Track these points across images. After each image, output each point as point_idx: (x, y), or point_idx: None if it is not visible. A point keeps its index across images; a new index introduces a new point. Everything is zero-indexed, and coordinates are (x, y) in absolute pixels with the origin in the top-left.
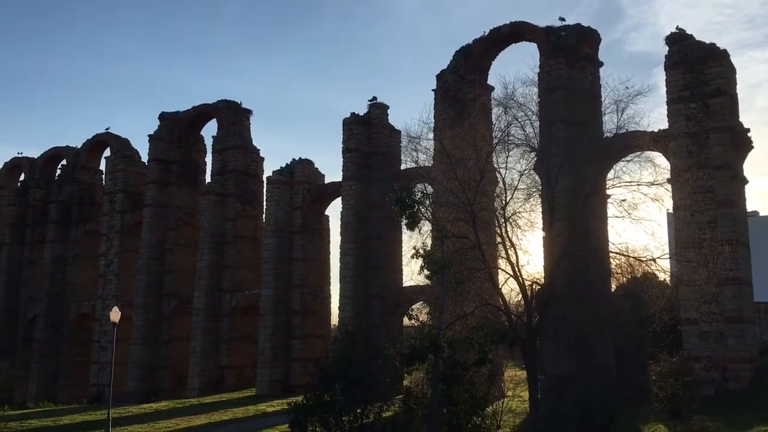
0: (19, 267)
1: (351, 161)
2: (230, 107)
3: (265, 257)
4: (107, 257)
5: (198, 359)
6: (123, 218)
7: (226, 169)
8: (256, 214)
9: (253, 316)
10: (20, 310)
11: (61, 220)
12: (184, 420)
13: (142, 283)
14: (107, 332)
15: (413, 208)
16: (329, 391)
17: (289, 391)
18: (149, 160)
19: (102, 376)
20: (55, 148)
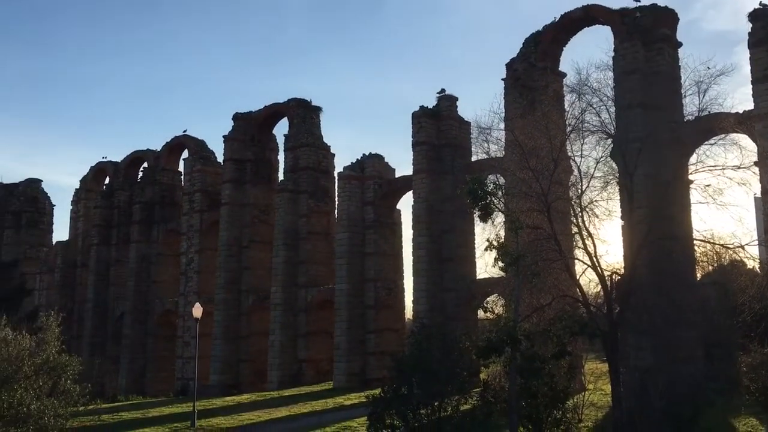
0: (107, 266)
1: (421, 154)
2: (301, 105)
3: (338, 252)
4: (188, 255)
5: (276, 353)
6: (202, 217)
7: (298, 166)
8: (329, 210)
9: (328, 311)
10: (109, 307)
11: (144, 220)
12: (266, 412)
13: (221, 280)
14: (190, 328)
15: (486, 199)
16: (406, 384)
17: (365, 384)
18: (225, 160)
19: (186, 370)
20: (137, 152)
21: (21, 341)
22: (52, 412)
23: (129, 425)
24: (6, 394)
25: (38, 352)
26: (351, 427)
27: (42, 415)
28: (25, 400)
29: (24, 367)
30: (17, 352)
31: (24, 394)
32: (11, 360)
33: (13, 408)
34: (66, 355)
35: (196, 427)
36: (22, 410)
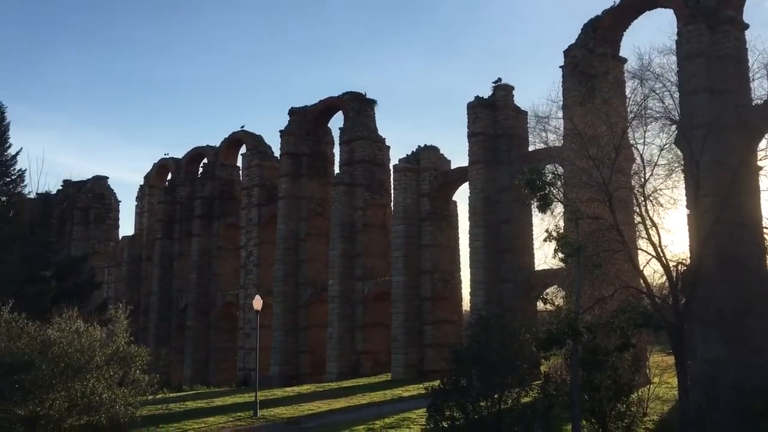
0: (170, 260)
1: (477, 145)
2: (355, 99)
3: (394, 245)
4: (247, 249)
5: (335, 345)
6: (260, 211)
7: (354, 159)
8: (384, 203)
9: (385, 303)
10: (173, 300)
11: (205, 215)
12: (325, 403)
13: (279, 273)
14: (250, 320)
15: (544, 189)
16: (465, 376)
17: (423, 376)
18: (281, 154)
19: (248, 361)
20: (197, 148)
21: (92, 333)
22: (123, 401)
23: (195, 414)
24: (79, 384)
25: (108, 343)
26: (410, 418)
27: (113, 404)
28: (97, 389)
29: (96, 357)
30: (89, 343)
31: (96, 384)
32: (84, 351)
33: (86, 397)
34: (135, 346)
35: (258, 416)
36: (95, 399)
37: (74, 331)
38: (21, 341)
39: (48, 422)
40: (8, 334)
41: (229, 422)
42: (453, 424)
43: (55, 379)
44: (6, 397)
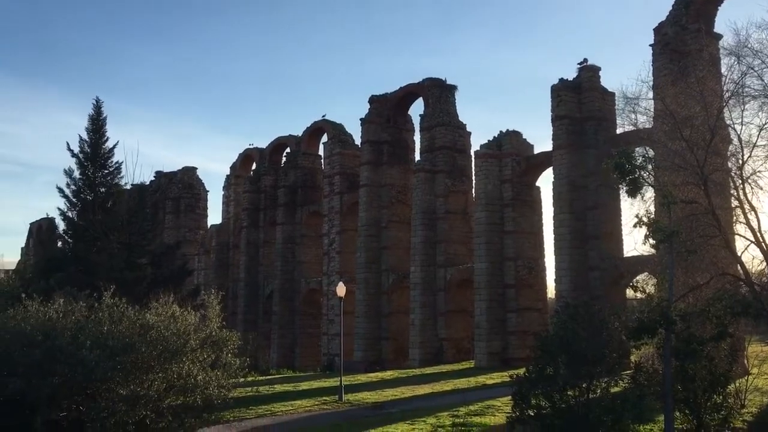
0: (256, 247)
1: (561, 129)
2: (435, 84)
3: (476, 231)
4: (329, 236)
5: (417, 332)
6: (342, 199)
7: (435, 146)
8: (466, 189)
9: (467, 290)
10: (260, 286)
11: (288, 203)
12: (409, 389)
13: (361, 260)
14: (334, 306)
15: (634, 173)
16: (552, 364)
17: (507, 363)
18: (362, 142)
19: (332, 347)
20: (280, 138)
21: (187, 317)
22: (216, 383)
23: (282, 397)
24: (176, 366)
25: (202, 328)
26: (494, 406)
27: (207, 386)
28: (192, 372)
29: (190, 341)
30: (184, 327)
31: (191, 366)
32: (179, 334)
33: (182, 378)
34: (226, 330)
35: (343, 400)
36: (191, 381)
37: (170, 315)
38: (122, 325)
39: (147, 402)
40: (110, 318)
41: (316, 405)
42: (539, 412)
43: (153, 361)
44: (109, 378)
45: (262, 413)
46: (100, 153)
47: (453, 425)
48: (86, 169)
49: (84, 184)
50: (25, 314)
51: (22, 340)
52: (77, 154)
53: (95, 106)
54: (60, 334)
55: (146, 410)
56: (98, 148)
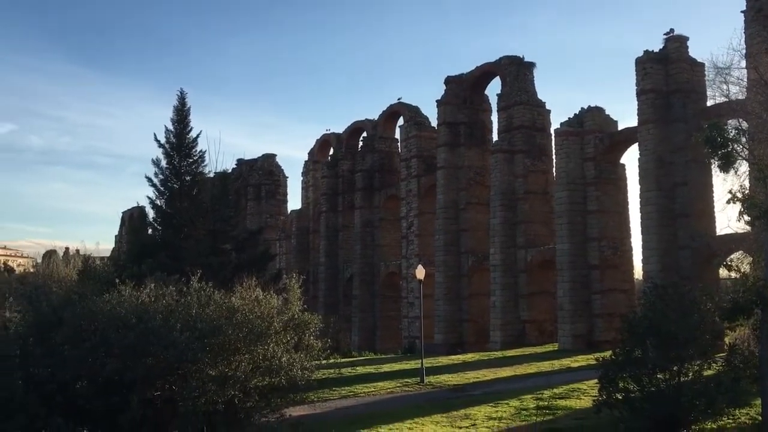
0: (335, 231)
1: (647, 103)
2: (513, 63)
3: (557, 211)
4: (407, 219)
5: (498, 314)
6: (419, 182)
7: (513, 125)
8: (546, 169)
9: (549, 271)
10: (339, 270)
11: (366, 187)
12: (491, 371)
13: (440, 242)
14: (413, 289)
15: (727, 147)
16: (640, 347)
17: (592, 346)
18: (438, 124)
19: (412, 329)
20: (356, 122)
21: (270, 300)
22: (300, 365)
23: (364, 379)
24: (261, 348)
25: (284, 311)
26: (580, 389)
27: (291, 367)
28: (276, 353)
29: (274, 323)
30: (268, 310)
31: (275, 348)
32: (263, 317)
33: (267, 360)
34: (307, 313)
35: (425, 383)
36: (275, 362)
37: (254, 299)
38: (209, 308)
39: (235, 382)
40: (198, 301)
41: (397, 387)
42: (627, 396)
43: (239, 343)
44: (199, 359)
45: (345, 394)
46: (185, 143)
47: (537, 408)
48: (172, 158)
49: (171, 173)
50: (119, 298)
51: (117, 323)
52: (163, 144)
53: (179, 98)
54: (152, 317)
55: (234, 390)
56: (183, 138)
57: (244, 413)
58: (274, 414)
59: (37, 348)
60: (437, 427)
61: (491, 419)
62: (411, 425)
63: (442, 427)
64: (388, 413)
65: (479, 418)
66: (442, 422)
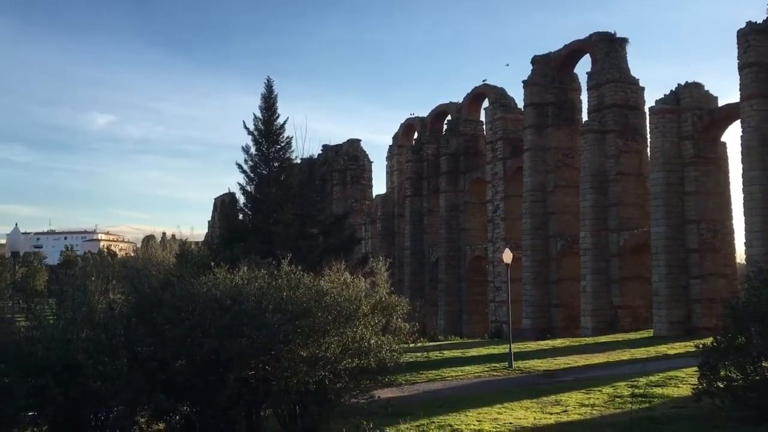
0: (420, 216)
1: (750, 77)
2: (603, 39)
3: (652, 193)
4: (493, 203)
5: (589, 299)
6: (505, 165)
7: (604, 104)
8: (639, 149)
9: (643, 255)
10: (425, 254)
11: (451, 171)
12: (582, 357)
13: (527, 226)
14: (500, 273)
15: None
16: (743, 333)
17: (690, 333)
18: (525, 105)
19: (499, 314)
20: (440, 106)
21: (358, 284)
22: (388, 347)
23: (451, 362)
24: (350, 330)
25: (372, 294)
26: (678, 377)
27: (380, 349)
28: (365, 336)
29: (362, 306)
30: (356, 293)
31: (364, 331)
32: (352, 300)
33: (356, 342)
34: (395, 296)
35: (513, 367)
36: (364, 344)
37: (342, 282)
38: (299, 291)
39: (326, 363)
40: (288, 284)
41: (485, 372)
42: (730, 384)
43: (329, 325)
44: (291, 340)
45: (433, 378)
46: (273, 130)
47: (632, 396)
48: (261, 145)
49: (260, 159)
50: (215, 281)
51: (213, 304)
52: (252, 132)
53: (267, 86)
54: (245, 299)
55: (325, 371)
56: (271, 125)
57: (334, 394)
58: (363, 395)
59: (139, 327)
60: (527, 412)
61: (583, 406)
62: (500, 410)
63: (532, 413)
64: (476, 397)
65: (570, 405)
66: (532, 407)
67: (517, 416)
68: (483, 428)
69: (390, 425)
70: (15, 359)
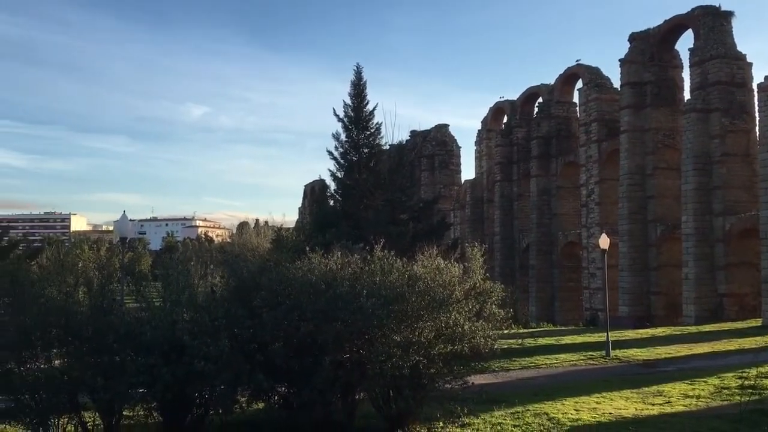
0: (510, 201)
1: None
2: (707, 12)
3: (762, 175)
4: (587, 187)
5: (691, 286)
6: (600, 147)
7: (707, 81)
8: (747, 128)
9: (751, 240)
10: (515, 240)
11: (542, 155)
12: (684, 347)
13: (624, 210)
14: (594, 259)
15: None
16: None
17: None
18: (621, 85)
19: (594, 301)
20: (531, 88)
21: (451, 269)
22: (482, 333)
23: (545, 350)
24: (444, 315)
25: (465, 279)
26: None
27: (474, 335)
28: (459, 321)
29: (455, 292)
30: (449, 279)
31: (458, 316)
32: (445, 286)
33: (450, 327)
34: (489, 282)
35: (611, 356)
36: (458, 330)
37: (434, 268)
38: (392, 276)
39: (419, 348)
40: (381, 269)
41: (581, 360)
42: None
43: (422, 311)
44: (384, 324)
45: (526, 365)
46: (362, 116)
47: (740, 387)
48: (350, 132)
49: (349, 146)
50: (309, 265)
51: (309, 288)
52: (342, 118)
53: (356, 72)
54: (340, 283)
55: (418, 356)
56: (360, 111)
57: (428, 378)
58: (457, 381)
59: (239, 310)
60: (627, 402)
61: (687, 397)
62: (598, 399)
63: (633, 403)
64: (572, 386)
65: (674, 396)
66: (633, 398)
67: (617, 406)
68: (581, 417)
69: (484, 411)
70: (126, 339)
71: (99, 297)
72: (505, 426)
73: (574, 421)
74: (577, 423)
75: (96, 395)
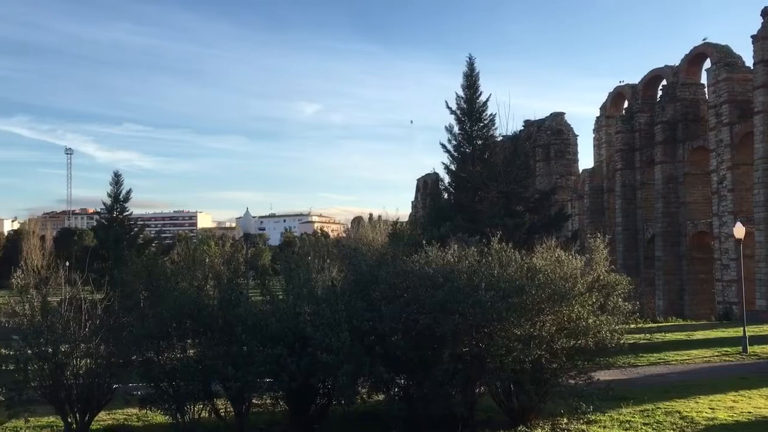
0: (633, 190)
1: None
2: None
3: None
4: (719, 173)
5: None
6: (732, 130)
7: None
8: None
9: None
10: (638, 230)
11: (667, 140)
12: None
13: (760, 197)
14: (728, 249)
15: None
16: None
17: None
18: (755, 63)
19: (727, 294)
20: (654, 70)
21: (571, 261)
22: (608, 327)
23: (675, 345)
24: (566, 309)
25: (588, 272)
26: None
27: (599, 329)
28: (582, 315)
29: (578, 284)
30: (570, 271)
31: (580, 309)
32: (566, 278)
33: (572, 321)
34: (614, 274)
35: (748, 353)
36: (581, 324)
37: (555, 260)
38: (510, 268)
39: (541, 342)
40: (499, 261)
41: (715, 356)
42: None
43: (543, 304)
44: (504, 318)
45: (654, 361)
46: (475, 108)
47: None
48: (464, 124)
49: (463, 138)
50: (426, 259)
51: (426, 281)
52: (455, 111)
53: (468, 64)
54: (457, 276)
55: (540, 350)
56: (473, 103)
57: (550, 373)
58: (581, 376)
59: (358, 303)
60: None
61: None
62: (735, 398)
63: None
64: (707, 383)
65: None
66: None
67: (756, 405)
68: (717, 416)
69: (611, 408)
70: (253, 330)
71: (227, 290)
72: (635, 424)
73: (709, 420)
74: (713, 422)
75: (227, 383)
